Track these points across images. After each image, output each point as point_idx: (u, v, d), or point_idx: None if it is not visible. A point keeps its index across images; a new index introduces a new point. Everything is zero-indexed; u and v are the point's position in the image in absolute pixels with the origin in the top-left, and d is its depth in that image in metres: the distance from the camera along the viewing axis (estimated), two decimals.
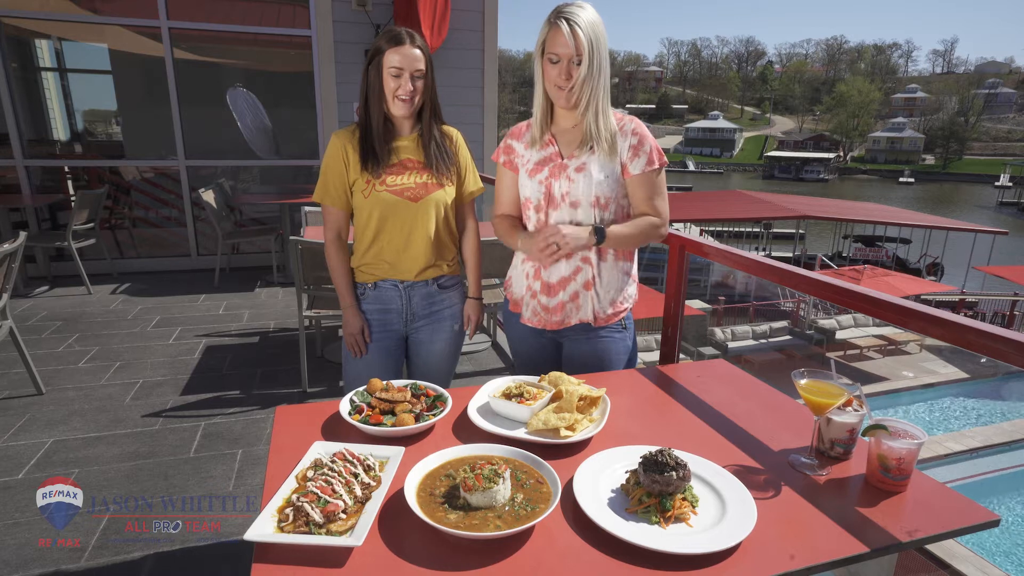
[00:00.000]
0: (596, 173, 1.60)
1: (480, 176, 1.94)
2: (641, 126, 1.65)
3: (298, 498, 0.96)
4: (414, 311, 1.80)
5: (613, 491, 1.07)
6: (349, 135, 1.74)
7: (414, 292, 1.79)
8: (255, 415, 2.94)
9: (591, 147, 1.61)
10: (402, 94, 1.64)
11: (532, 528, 0.96)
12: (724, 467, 1.12)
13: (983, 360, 9.83)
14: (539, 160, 1.67)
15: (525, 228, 1.74)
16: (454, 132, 1.83)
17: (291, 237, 2.90)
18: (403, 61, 1.61)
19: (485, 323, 4.23)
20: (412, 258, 1.75)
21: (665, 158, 1.65)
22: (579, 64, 1.51)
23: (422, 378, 1.62)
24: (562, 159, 1.64)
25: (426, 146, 1.74)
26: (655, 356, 9.93)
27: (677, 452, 1.05)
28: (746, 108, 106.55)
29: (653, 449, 1.05)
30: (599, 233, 1.58)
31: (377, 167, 1.70)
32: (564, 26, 1.48)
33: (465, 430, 1.29)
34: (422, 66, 1.64)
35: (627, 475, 1.08)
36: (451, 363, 1.92)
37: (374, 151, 1.70)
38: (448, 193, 1.77)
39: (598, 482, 1.08)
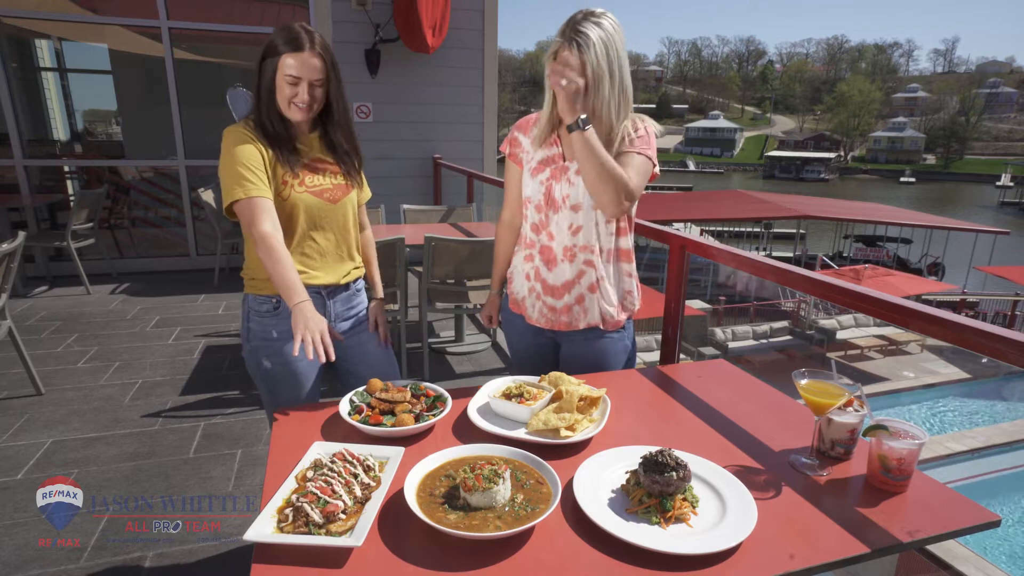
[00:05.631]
0: None
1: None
2: (651, 126, 1.60)
3: (298, 498, 0.96)
4: (337, 317, 1.70)
5: (613, 491, 1.06)
6: (253, 129, 1.55)
7: (336, 297, 1.69)
8: (255, 415, 2.93)
9: None
10: (299, 102, 1.51)
11: (532, 528, 0.96)
12: (724, 467, 1.12)
13: (984, 360, 9.82)
14: (542, 159, 1.65)
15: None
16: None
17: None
18: (300, 69, 1.48)
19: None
20: (336, 262, 1.67)
21: (655, 159, 1.58)
22: (583, 82, 1.46)
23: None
24: (564, 160, 1.62)
25: (335, 148, 1.64)
26: (655, 356, 9.93)
27: (677, 452, 1.05)
28: (746, 108, 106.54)
29: (653, 449, 1.05)
30: (584, 121, 1.43)
31: (295, 165, 1.57)
32: (573, 48, 1.44)
33: (465, 430, 1.29)
34: (321, 75, 1.51)
35: (627, 475, 1.08)
36: (391, 361, 1.82)
37: (288, 148, 1.56)
38: (355, 196, 1.71)
39: (598, 482, 1.08)
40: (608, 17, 1.48)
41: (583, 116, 1.44)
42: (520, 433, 1.24)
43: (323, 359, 1.38)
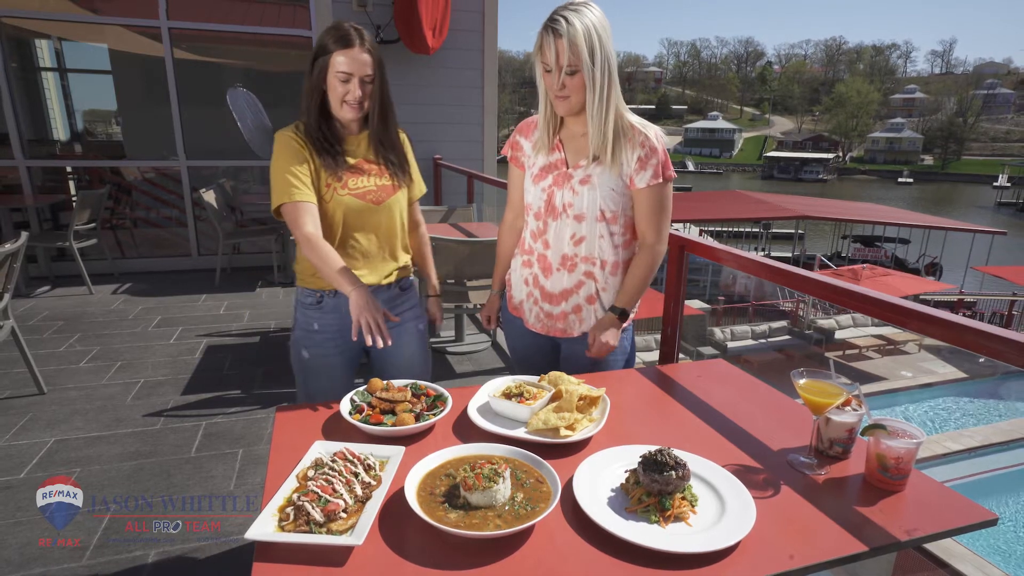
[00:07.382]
0: (601, 186, 1.55)
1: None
2: (653, 139, 1.54)
3: (299, 497, 0.97)
4: None
5: (613, 490, 1.07)
6: (300, 134, 1.59)
7: (378, 297, 1.65)
8: (256, 415, 2.94)
9: (597, 158, 1.55)
10: (351, 100, 1.54)
11: (532, 527, 0.96)
12: (723, 466, 1.13)
13: (981, 360, 9.83)
14: (544, 166, 1.63)
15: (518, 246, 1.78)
16: (402, 134, 1.75)
17: (292, 237, 2.91)
18: (351, 65, 1.50)
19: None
20: (379, 262, 1.69)
21: (673, 171, 1.56)
22: (572, 74, 1.44)
23: None
24: (567, 168, 1.60)
25: (380, 148, 1.66)
26: (655, 356, 9.93)
27: (676, 451, 1.06)
28: (745, 108, 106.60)
29: (652, 448, 1.06)
30: (623, 316, 1.61)
31: (338, 168, 1.59)
32: (551, 36, 1.41)
33: (465, 430, 1.29)
34: (371, 71, 1.53)
35: (627, 474, 1.08)
36: (426, 364, 1.84)
37: (331, 152, 1.59)
38: (403, 196, 1.72)
39: (598, 482, 1.09)
40: (591, 7, 1.45)
41: (621, 313, 1.60)
42: (520, 432, 1.25)
43: (380, 344, 1.38)
